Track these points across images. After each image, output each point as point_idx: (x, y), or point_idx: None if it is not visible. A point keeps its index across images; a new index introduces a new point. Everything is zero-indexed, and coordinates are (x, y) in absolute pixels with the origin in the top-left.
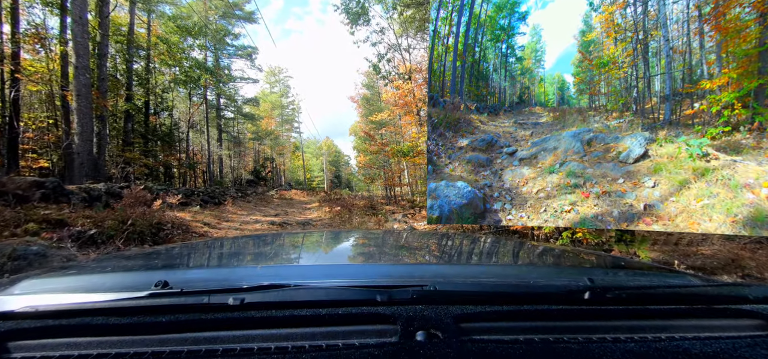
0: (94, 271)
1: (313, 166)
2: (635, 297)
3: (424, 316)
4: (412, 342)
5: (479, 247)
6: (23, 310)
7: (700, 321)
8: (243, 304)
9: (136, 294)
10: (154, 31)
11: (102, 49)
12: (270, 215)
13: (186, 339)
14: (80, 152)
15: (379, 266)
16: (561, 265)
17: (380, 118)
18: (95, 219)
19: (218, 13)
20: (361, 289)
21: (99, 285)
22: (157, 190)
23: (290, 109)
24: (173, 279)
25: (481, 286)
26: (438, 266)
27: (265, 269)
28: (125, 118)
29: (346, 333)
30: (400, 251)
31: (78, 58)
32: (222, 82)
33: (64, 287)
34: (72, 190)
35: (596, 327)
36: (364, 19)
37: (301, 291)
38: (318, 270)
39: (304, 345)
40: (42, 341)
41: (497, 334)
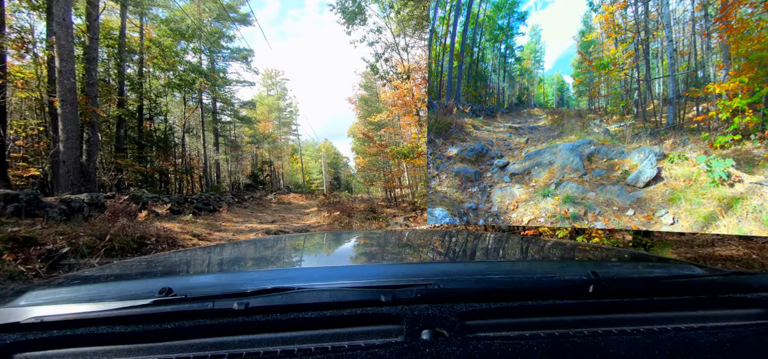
0: (98, 280)
1: (311, 168)
2: (640, 288)
3: (429, 315)
4: (417, 342)
5: (482, 244)
6: (28, 321)
7: (705, 311)
8: (247, 308)
9: (140, 302)
10: (147, 34)
11: (91, 53)
12: (266, 222)
13: (191, 345)
14: (66, 160)
15: (382, 266)
16: (565, 259)
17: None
18: (69, 235)
19: (212, 15)
20: (365, 290)
21: (103, 294)
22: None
23: (288, 111)
24: (177, 285)
25: (486, 283)
26: (442, 265)
27: (268, 272)
28: (117, 123)
29: (351, 334)
30: (403, 250)
31: (62, 61)
32: (217, 86)
33: (69, 297)
34: (50, 202)
35: (602, 320)
36: (360, 19)
37: (305, 294)
38: (322, 272)
39: (310, 348)
40: (47, 352)
41: (503, 331)
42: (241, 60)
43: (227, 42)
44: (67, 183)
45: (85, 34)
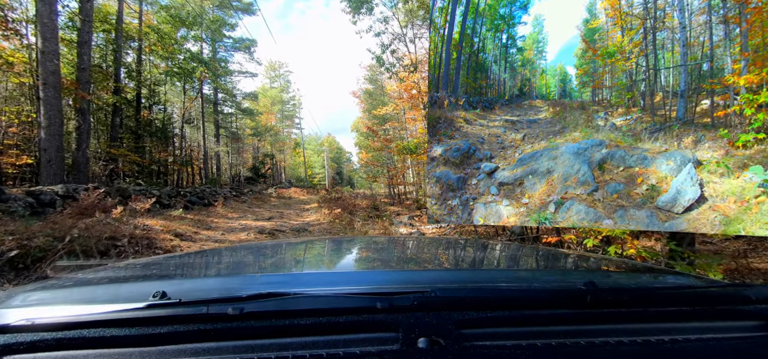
0: (91, 283)
1: (314, 163)
2: (637, 298)
3: (426, 323)
4: (413, 350)
5: (480, 252)
6: (19, 324)
7: (703, 322)
8: (242, 314)
9: (134, 306)
10: (148, 20)
11: (83, 37)
12: (263, 219)
13: (185, 350)
14: (47, 148)
15: (379, 273)
16: (562, 269)
17: (384, 112)
18: (21, 236)
19: (214, 2)
20: (361, 297)
21: (96, 296)
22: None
23: (291, 104)
24: (171, 289)
25: (483, 291)
26: (439, 272)
27: (264, 277)
28: (113, 112)
29: (347, 341)
30: (401, 257)
31: (44, 41)
32: (219, 76)
33: (61, 299)
34: (15, 195)
35: (599, 330)
36: (366, 7)
37: (300, 300)
38: (318, 277)
39: (305, 355)
40: (38, 355)
41: (499, 340)
42: (244, 50)
43: (229, 31)
44: (49, 173)
45: (77, 16)
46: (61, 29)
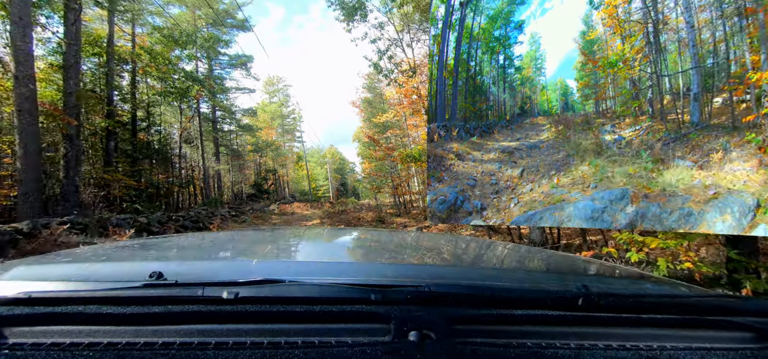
0: (89, 259)
1: (317, 175)
2: (629, 305)
3: (418, 316)
4: (404, 342)
5: (477, 251)
6: (15, 296)
7: (693, 331)
8: (237, 298)
9: (131, 284)
10: (141, 43)
11: (69, 60)
12: None
13: (179, 331)
14: (24, 179)
15: (374, 265)
16: (556, 271)
17: (384, 119)
18: None
19: (208, 21)
20: (355, 287)
21: (93, 273)
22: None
23: (291, 118)
24: (168, 270)
25: (476, 289)
26: (434, 268)
27: (260, 263)
28: (107, 136)
29: (339, 330)
30: (397, 251)
31: (18, 65)
32: (215, 93)
33: (58, 274)
34: None
35: (589, 334)
36: (360, 14)
37: (295, 287)
38: (313, 266)
39: (297, 342)
40: (34, 328)
41: (490, 337)
42: (240, 67)
43: (224, 48)
44: (25, 207)
45: (62, 40)
46: (50, 55)
